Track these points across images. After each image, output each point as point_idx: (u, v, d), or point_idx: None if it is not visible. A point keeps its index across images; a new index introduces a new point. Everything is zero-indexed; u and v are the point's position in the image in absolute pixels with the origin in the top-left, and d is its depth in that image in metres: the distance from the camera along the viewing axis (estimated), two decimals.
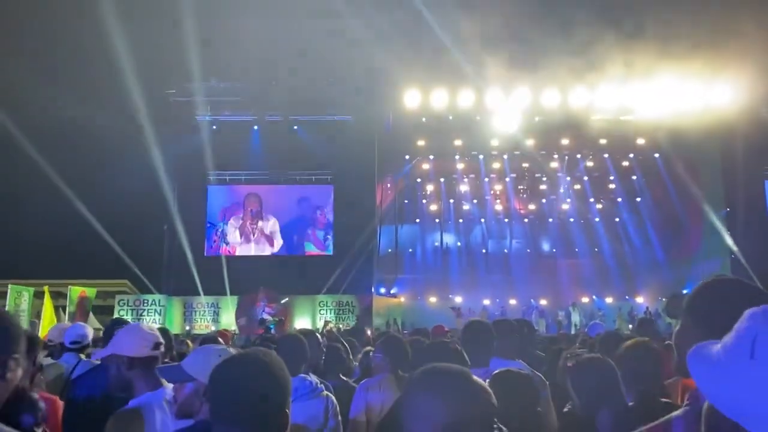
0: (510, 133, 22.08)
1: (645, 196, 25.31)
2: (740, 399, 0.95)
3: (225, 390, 1.65)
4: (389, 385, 3.83)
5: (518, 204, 26.94)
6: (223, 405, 1.65)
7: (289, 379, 1.74)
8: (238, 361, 1.74)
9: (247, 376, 1.66)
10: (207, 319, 20.09)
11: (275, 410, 1.65)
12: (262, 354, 1.74)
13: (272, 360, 1.72)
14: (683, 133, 20.81)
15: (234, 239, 22.74)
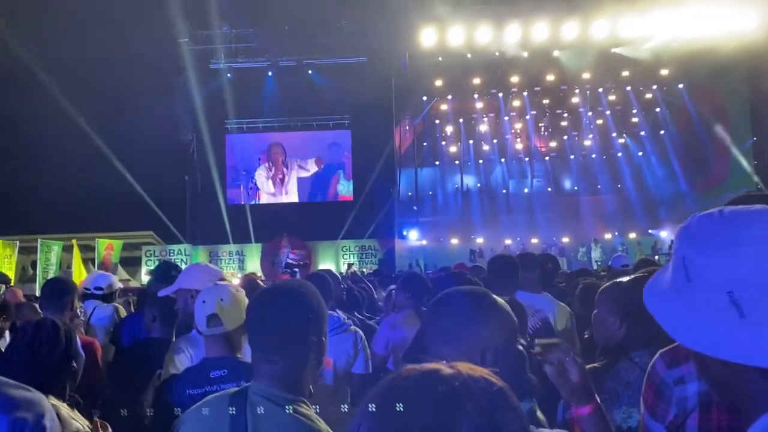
0: (528, 69, 21.57)
1: (669, 129, 24.76)
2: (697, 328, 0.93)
3: (264, 320, 1.67)
4: (412, 320, 3.89)
5: (539, 142, 26.59)
6: (262, 335, 1.67)
7: (325, 308, 1.76)
8: (275, 291, 1.77)
9: (280, 304, 1.68)
10: (233, 266, 20.42)
11: (314, 338, 1.67)
12: (297, 284, 1.77)
13: (308, 289, 1.74)
14: (708, 61, 20.15)
15: (263, 188, 22.88)
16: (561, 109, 25.56)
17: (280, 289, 1.77)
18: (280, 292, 1.74)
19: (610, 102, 24.92)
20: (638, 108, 24.94)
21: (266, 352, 1.63)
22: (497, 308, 1.52)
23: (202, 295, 2.39)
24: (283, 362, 1.62)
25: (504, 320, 1.45)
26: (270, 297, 1.72)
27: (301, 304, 1.67)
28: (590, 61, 21.42)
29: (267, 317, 1.66)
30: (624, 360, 2.41)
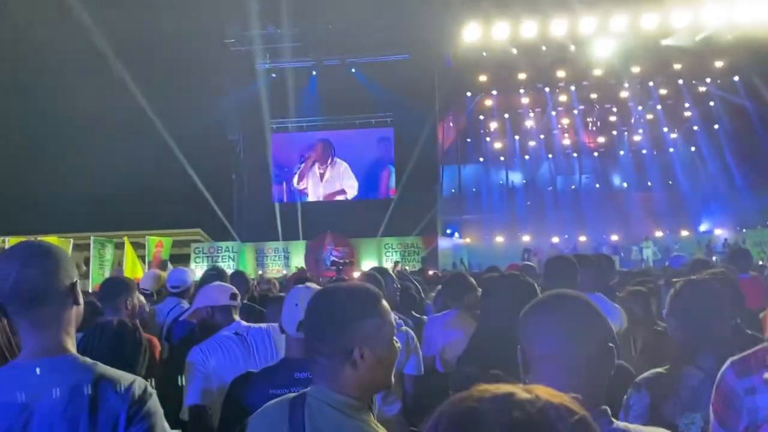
0: (577, 63, 21.16)
1: (723, 123, 23.93)
2: None
3: (318, 321, 1.63)
4: (462, 321, 3.84)
5: (587, 137, 26.08)
6: (315, 335, 1.62)
7: (386, 307, 1.70)
8: (338, 291, 1.72)
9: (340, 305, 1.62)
10: (279, 263, 20.69)
11: None
12: (353, 284, 1.78)
13: (370, 288, 1.70)
14: (765, 52, 19.39)
15: (309, 185, 23.11)
16: (610, 104, 25.00)
17: (343, 289, 1.72)
18: (344, 291, 1.69)
19: (661, 96, 24.22)
20: (691, 102, 24.19)
21: (325, 356, 1.58)
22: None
23: (294, 297, 2.36)
24: (342, 368, 1.56)
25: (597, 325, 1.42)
26: (325, 298, 1.68)
27: (358, 305, 1.61)
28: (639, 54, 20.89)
29: (320, 319, 1.62)
30: (688, 365, 2.33)
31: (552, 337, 1.38)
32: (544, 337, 1.39)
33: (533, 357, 1.40)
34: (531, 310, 1.46)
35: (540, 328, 1.40)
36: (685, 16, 18.69)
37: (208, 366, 2.94)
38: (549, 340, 1.38)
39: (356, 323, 1.59)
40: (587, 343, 1.38)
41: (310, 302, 1.69)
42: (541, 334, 1.40)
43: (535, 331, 1.42)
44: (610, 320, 3.84)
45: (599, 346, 1.40)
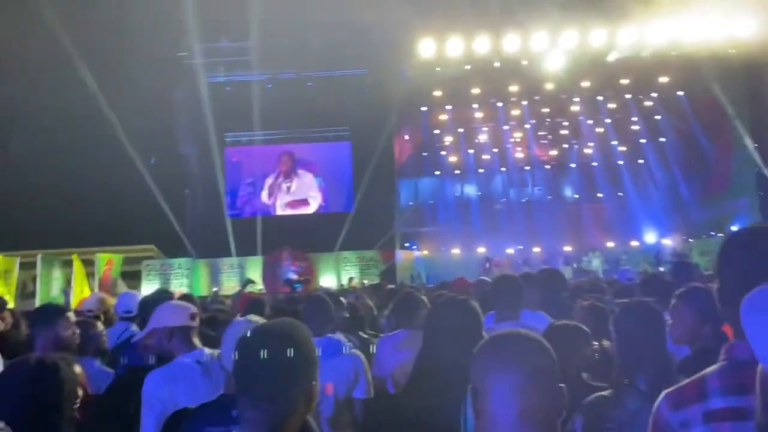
0: (528, 78, 21.59)
1: (669, 136, 24.75)
2: None
3: (250, 364, 1.59)
4: (410, 341, 3.83)
5: (539, 150, 26.58)
6: (248, 379, 1.58)
7: (315, 349, 1.67)
8: (263, 333, 1.66)
9: (273, 348, 1.59)
10: (234, 280, 20.34)
11: (303, 382, 1.60)
12: (287, 325, 1.68)
13: (298, 331, 1.65)
14: (708, 68, 20.17)
15: (266, 199, 22.85)
16: (561, 118, 25.57)
17: (269, 331, 1.67)
18: (270, 335, 1.64)
19: (609, 110, 24.92)
20: (638, 116, 24.94)
21: (253, 399, 1.55)
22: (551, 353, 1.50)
23: (235, 333, 2.27)
24: (270, 410, 1.54)
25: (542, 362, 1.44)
26: (259, 340, 1.62)
27: (292, 349, 1.58)
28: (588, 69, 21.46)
29: (255, 363, 1.57)
30: (629, 388, 2.39)
31: (505, 378, 1.37)
32: (497, 377, 1.39)
33: (485, 396, 1.39)
34: (484, 348, 1.46)
35: (494, 368, 1.40)
36: (631, 33, 19.28)
37: (166, 399, 2.68)
38: (502, 381, 1.38)
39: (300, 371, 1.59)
40: (540, 384, 1.38)
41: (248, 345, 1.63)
42: (494, 374, 1.39)
43: (488, 370, 1.41)
44: None
45: (552, 387, 1.41)
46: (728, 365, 1.52)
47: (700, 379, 1.56)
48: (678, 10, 18.31)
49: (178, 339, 2.88)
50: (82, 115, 17.89)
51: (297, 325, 1.68)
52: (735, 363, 1.50)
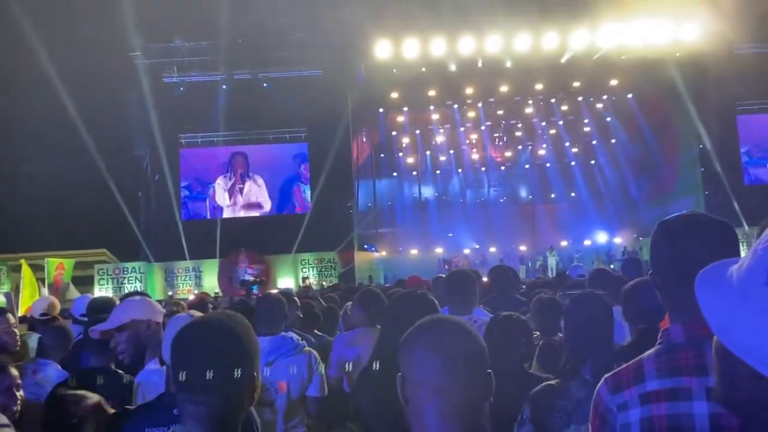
0: (483, 81, 21.87)
1: (620, 137, 25.43)
2: (747, 330, 0.84)
3: (188, 358, 1.54)
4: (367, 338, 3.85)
5: (494, 152, 26.96)
6: (187, 374, 1.53)
7: (256, 342, 1.64)
8: (201, 326, 1.62)
9: (211, 341, 1.55)
10: (189, 283, 20.03)
11: (243, 375, 1.55)
12: (226, 317, 1.63)
13: (237, 323, 1.60)
14: (655, 71, 20.80)
15: (222, 201, 22.51)
16: (515, 120, 25.99)
17: (207, 324, 1.62)
18: (208, 327, 1.60)
19: (562, 112, 25.47)
20: (590, 118, 25.54)
21: (193, 393, 1.51)
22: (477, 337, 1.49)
23: (175, 326, 2.18)
24: (211, 404, 1.50)
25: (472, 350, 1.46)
26: (197, 333, 1.58)
27: (231, 341, 1.54)
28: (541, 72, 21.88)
29: (193, 356, 1.53)
30: (576, 377, 2.45)
31: (431, 364, 1.36)
32: (423, 363, 1.37)
33: (412, 383, 1.38)
34: (411, 336, 1.44)
35: (420, 355, 1.38)
36: (582, 37, 19.73)
37: None
38: (428, 367, 1.36)
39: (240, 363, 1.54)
40: (465, 369, 1.37)
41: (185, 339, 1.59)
42: (420, 360, 1.38)
43: (414, 357, 1.39)
44: None
45: (477, 372, 1.39)
46: (663, 348, 1.59)
47: (638, 363, 1.61)
48: (627, 15, 18.83)
49: (154, 336, 2.82)
50: (31, 115, 17.38)
51: (236, 317, 1.64)
52: (670, 346, 1.57)
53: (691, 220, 1.68)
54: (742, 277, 0.87)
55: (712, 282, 0.92)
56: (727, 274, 0.90)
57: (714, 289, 0.91)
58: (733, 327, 0.86)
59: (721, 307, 0.88)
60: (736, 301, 0.86)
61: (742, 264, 0.89)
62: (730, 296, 0.87)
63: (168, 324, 2.30)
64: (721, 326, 0.87)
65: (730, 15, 18.37)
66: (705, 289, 0.92)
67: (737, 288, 0.87)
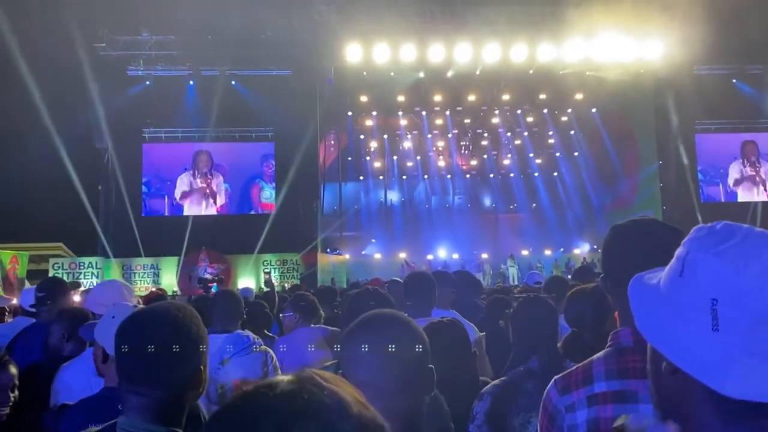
0: (451, 89, 22.06)
1: (582, 151, 25.92)
2: (664, 324, 0.89)
3: (132, 347, 1.50)
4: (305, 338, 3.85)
5: (460, 160, 27.21)
6: (130, 363, 1.51)
7: (205, 334, 1.60)
8: (146, 315, 1.59)
9: (155, 331, 1.51)
10: (147, 280, 19.65)
11: (188, 367, 1.52)
12: (174, 308, 1.59)
13: (185, 313, 1.57)
14: (619, 88, 21.29)
15: (182, 198, 22.12)
16: (481, 129, 26.27)
17: (153, 313, 1.58)
18: (154, 317, 1.56)
19: (527, 123, 25.85)
20: (554, 130, 25.97)
21: (136, 384, 1.47)
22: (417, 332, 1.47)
23: (113, 311, 2.15)
24: (154, 395, 1.46)
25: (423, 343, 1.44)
26: (141, 323, 1.55)
27: (177, 331, 1.51)
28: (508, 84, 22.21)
29: (137, 345, 1.49)
30: (525, 372, 2.53)
31: (367, 360, 1.34)
32: (360, 360, 1.35)
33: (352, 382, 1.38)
34: (349, 333, 1.43)
35: (357, 352, 1.36)
36: (549, 51, 20.07)
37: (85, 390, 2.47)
38: (365, 364, 1.34)
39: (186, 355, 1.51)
40: (404, 366, 1.35)
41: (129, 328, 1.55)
42: (357, 358, 1.36)
43: (351, 354, 1.37)
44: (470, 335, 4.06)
45: (416, 369, 1.37)
46: (612, 351, 1.62)
47: (587, 364, 1.64)
48: (593, 31, 19.23)
49: None
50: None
51: (184, 307, 1.60)
52: (619, 349, 1.60)
53: (641, 225, 1.73)
54: (665, 275, 0.92)
55: (641, 285, 0.97)
56: (657, 278, 0.94)
57: (642, 289, 0.95)
58: (654, 323, 0.90)
59: (646, 306, 0.92)
60: (658, 298, 0.90)
61: (668, 266, 0.93)
62: (654, 295, 0.91)
63: (108, 311, 2.19)
64: (645, 323, 0.92)
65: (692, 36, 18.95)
66: (635, 290, 0.97)
67: (661, 287, 0.91)
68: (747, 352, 0.81)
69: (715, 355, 0.82)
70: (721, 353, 0.81)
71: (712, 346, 0.82)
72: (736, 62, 22.11)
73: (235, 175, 22.57)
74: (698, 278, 0.85)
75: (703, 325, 0.83)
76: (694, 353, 0.84)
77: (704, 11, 16.84)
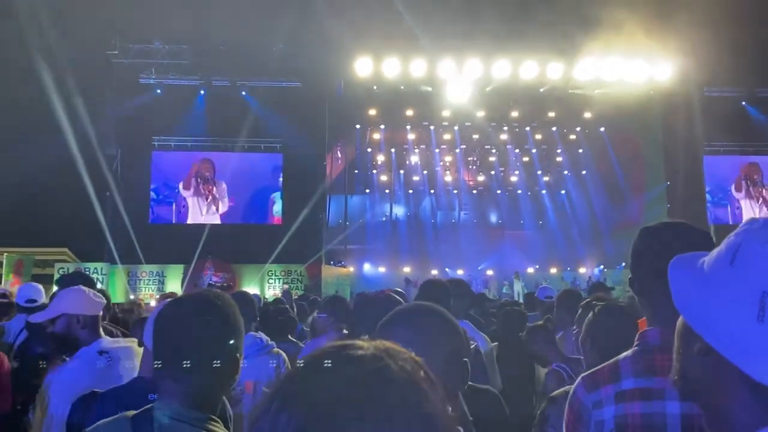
0: (461, 105, 22.13)
1: (590, 169, 25.90)
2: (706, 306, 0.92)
3: (171, 333, 1.52)
4: None
5: (467, 176, 27.21)
6: (169, 349, 1.51)
7: (241, 322, 1.61)
8: (186, 302, 1.60)
9: (195, 317, 1.52)
10: (152, 287, 19.65)
11: (225, 354, 1.52)
12: (213, 295, 1.60)
13: (224, 301, 1.58)
14: (628, 108, 21.32)
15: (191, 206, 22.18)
16: (489, 145, 26.30)
17: (192, 300, 1.60)
18: (193, 303, 1.57)
19: (536, 141, 25.87)
20: (562, 148, 25.98)
21: (174, 370, 1.47)
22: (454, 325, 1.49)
23: None
24: (193, 381, 1.47)
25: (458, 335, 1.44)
26: (181, 309, 1.55)
27: (215, 317, 1.52)
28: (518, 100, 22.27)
29: (176, 332, 1.50)
30: None
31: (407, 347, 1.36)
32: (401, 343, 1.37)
33: None
34: (389, 319, 1.45)
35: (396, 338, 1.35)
36: (559, 69, 20.16)
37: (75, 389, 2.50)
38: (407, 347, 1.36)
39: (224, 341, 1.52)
40: (442, 355, 1.36)
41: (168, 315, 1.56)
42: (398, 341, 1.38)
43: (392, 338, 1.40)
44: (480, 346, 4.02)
45: (453, 359, 1.38)
46: (640, 350, 1.65)
47: (615, 363, 1.67)
48: (604, 51, 19.31)
49: (90, 328, 2.81)
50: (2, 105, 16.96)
51: (222, 295, 1.61)
52: (647, 348, 1.63)
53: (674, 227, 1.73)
54: (712, 260, 0.95)
55: (684, 264, 1.00)
56: (699, 261, 0.98)
57: (684, 269, 0.98)
58: (695, 304, 0.93)
59: (687, 286, 0.96)
60: (701, 281, 0.94)
61: (713, 252, 0.97)
62: (697, 277, 0.95)
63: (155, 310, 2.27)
64: (685, 302, 0.95)
65: (702, 58, 19.03)
66: (676, 269, 1.00)
67: (706, 270, 0.95)
68: None
69: (757, 343, 0.85)
70: (763, 342, 0.84)
71: (754, 335, 0.85)
72: (745, 85, 22.15)
73: (241, 184, 22.64)
74: (750, 269, 0.88)
75: (748, 314, 0.86)
76: (735, 338, 0.87)
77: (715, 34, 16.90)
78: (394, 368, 0.72)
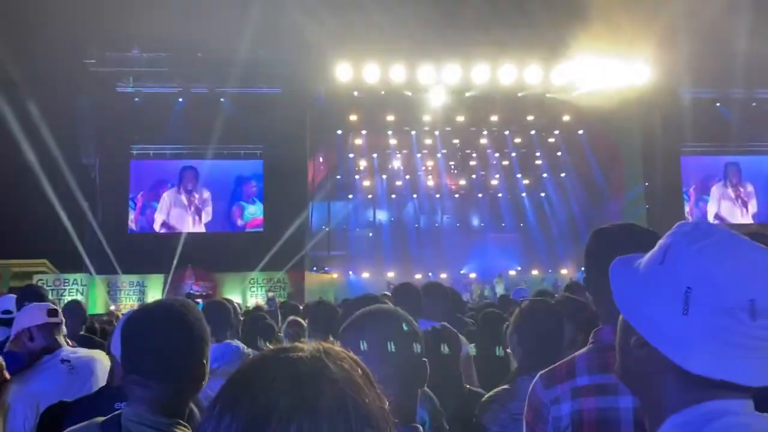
0: (441, 109, 22.24)
1: (569, 172, 26.14)
2: (641, 302, 1.00)
3: (138, 340, 1.55)
4: None
5: (449, 180, 27.34)
6: (136, 356, 1.55)
7: (207, 329, 1.64)
8: (151, 310, 1.63)
9: (159, 324, 1.56)
10: (132, 297, 19.47)
11: (192, 360, 1.56)
12: (178, 303, 1.64)
13: (188, 309, 1.62)
14: (606, 111, 21.57)
15: (170, 215, 22.00)
16: (470, 149, 26.45)
17: (159, 308, 1.64)
18: (160, 311, 1.61)
19: (515, 144, 26.06)
20: (541, 151, 26.20)
21: (142, 376, 1.52)
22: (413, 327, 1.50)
23: None
24: (160, 388, 1.51)
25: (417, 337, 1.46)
26: (148, 317, 1.60)
27: (181, 325, 1.56)
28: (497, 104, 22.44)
29: (142, 338, 1.54)
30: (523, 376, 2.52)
31: (363, 351, 1.37)
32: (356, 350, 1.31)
33: None
34: (348, 325, 1.47)
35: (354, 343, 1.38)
36: (537, 73, 20.36)
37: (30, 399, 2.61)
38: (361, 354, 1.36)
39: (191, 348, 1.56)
40: (398, 357, 1.38)
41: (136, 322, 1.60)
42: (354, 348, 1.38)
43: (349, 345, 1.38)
44: None
45: (411, 360, 1.41)
46: (594, 348, 1.71)
47: (571, 360, 1.73)
48: (580, 54, 19.53)
49: (39, 337, 2.87)
50: None
51: (188, 303, 1.66)
52: (600, 346, 1.68)
53: (624, 229, 1.79)
54: (646, 260, 1.04)
55: (623, 264, 1.08)
56: (637, 261, 1.06)
57: (624, 269, 1.07)
58: (631, 300, 1.02)
59: (625, 284, 1.04)
60: (637, 279, 1.02)
61: (649, 253, 1.05)
62: (634, 276, 1.03)
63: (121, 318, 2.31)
64: (622, 299, 1.04)
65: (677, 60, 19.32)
66: (617, 268, 1.08)
67: (641, 269, 1.03)
68: (709, 336, 0.92)
69: (682, 335, 0.94)
70: (688, 334, 0.93)
71: (680, 328, 0.94)
72: (720, 86, 22.50)
73: (220, 192, 22.52)
74: (677, 268, 0.97)
75: (675, 309, 0.94)
76: (664, 331, 0.96)
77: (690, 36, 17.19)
78: (333, 368, 0.74)
